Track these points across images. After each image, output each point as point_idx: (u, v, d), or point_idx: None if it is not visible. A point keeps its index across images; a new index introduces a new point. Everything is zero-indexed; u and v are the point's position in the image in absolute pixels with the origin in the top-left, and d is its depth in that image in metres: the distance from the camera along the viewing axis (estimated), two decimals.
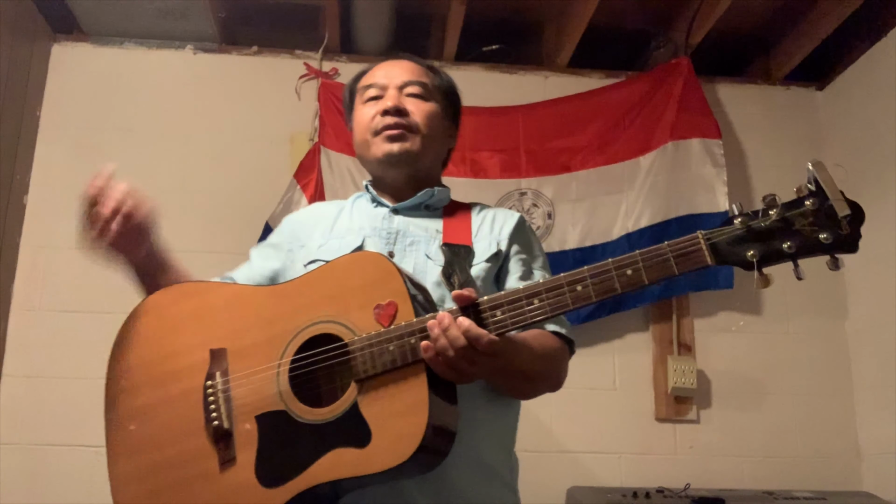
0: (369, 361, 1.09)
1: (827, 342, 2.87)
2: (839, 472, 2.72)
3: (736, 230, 0.99)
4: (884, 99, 2.74)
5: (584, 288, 1.06)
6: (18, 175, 2.72)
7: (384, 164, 1.42)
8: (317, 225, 1.45)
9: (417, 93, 1.45)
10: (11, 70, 2.68)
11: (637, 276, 1.03)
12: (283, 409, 1.13)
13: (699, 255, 1.00)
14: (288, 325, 1.18)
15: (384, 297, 1.12)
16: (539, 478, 2.65)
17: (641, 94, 2.95)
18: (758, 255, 0.98)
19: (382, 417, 1.06)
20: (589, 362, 2.79)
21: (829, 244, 0.95)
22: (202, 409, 1.18)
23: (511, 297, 1.08)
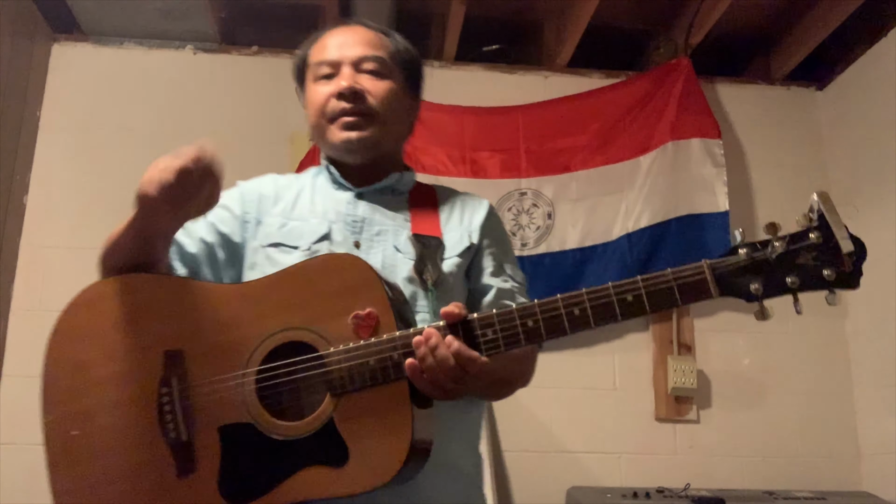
0: (347, 376, 1.01)
1: (827, 342, 2.87)
2: (839, 472, 2.72)
3: (741, 262, 0.97)
4: (884, 99, 2.74)
5: (582, 312, 0.99)
6: (18, 175, 2.72)
7: (341, 151, 1.31)
8: (277, 201, 1.33)
9: (374, 69, 1.32)
10: (11, 70, 2.68)
11: (638, 303, 0.97)
12: (249, 421, 1.03)
13: (704, 286, 0.97)
14: (253, 329, 1.07)
15: (363, 306, 1.04)
16: (539, 478, 2.65)
17: (641, 94, 2.95)
18: (761, 290, 0.97)
19: (361, 436, 0.99)
20: (589, 362, 2.79)
21: (833, 281, 0.95)
22: (156, 416, 1.07)
23: (503, 316, 1.01)
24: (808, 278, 0.95)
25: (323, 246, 1.24)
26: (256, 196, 1.33)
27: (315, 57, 1.37)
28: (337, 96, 1.28)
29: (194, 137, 1.35)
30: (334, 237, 1.25)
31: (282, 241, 1.25)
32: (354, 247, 1.24)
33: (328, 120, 1.30)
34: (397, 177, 1.34)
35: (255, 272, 1.24)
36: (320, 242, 1.24)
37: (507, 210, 2.85)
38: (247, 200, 1.33)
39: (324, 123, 1.30)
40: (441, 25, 2.99)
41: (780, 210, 3.00)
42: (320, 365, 1.03)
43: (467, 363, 0.98)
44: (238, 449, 1.04)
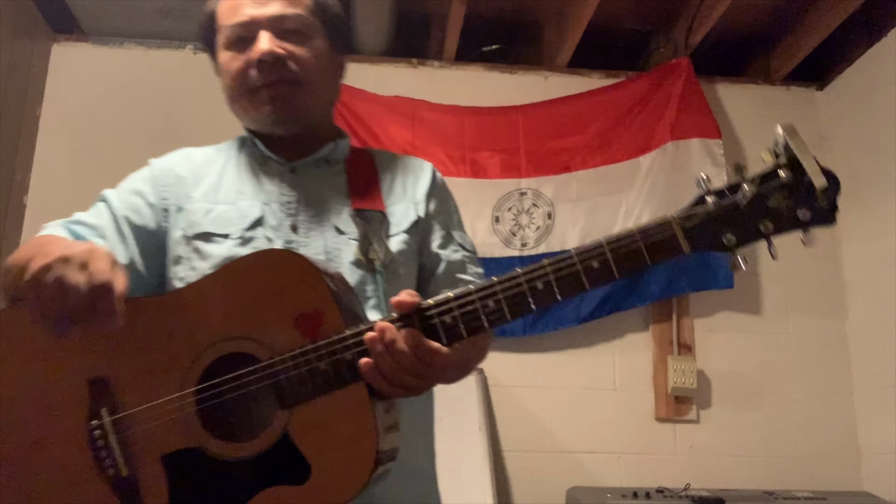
0: (298, 384, 0.91)
1: (827, 342, 2.87)
2: (839, 472, 2.72)
3: (710, 212, 0.89)
4: (884, 99, 2.74)
5: (547, 285, 0.88)
6: (18, 175, 2.72)
7: (268, 124, 1.17)
8: (197, 182, 1.19)
9: (295, 28, 1.16)
10: (11, 70, 2.68)
11: (605, 269, 0.88)
12: (194, 446, 0.93)
13: (673, 241, 0.89)
14: (185, 344, 0.96)
15: (306, 306, 0.93)
16: (539, 478, 2.65)
17: (641, 94, 2.95)
18: (734, 240, 0.89)
19: (321, 448, 0.90)
20: (589, 362, 2.79)
21: (808, 220, 0.86)
22: (90, 454, 0.95)
23: (462, 299, 0.90)
24: (782, 221, 0.87)
25: (257, 232, 1.12)
26: (173, 178, 1.19)
27: (225, 18, 1.19)
28: (256, 64, 1.13)
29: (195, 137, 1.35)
30: (268, 221, 1.13)
31: (210, 230, 1.12)
32: (291, 231, 1.12)
33: (248, 92, 1.15)
34: (332, 146, 1.21)
35: (182, 267, 1.13)
36: (254, 229, 1.12)
37: (507, 210, 2.85)
38: (162, 184, 1.19)
39: (244, 95, 1.16)
40: (441, 25, 2.99)
41: None
42: (267, 376, 0.92)
43: (429, 355, 0.89)
44: (187, 478, 0.94)
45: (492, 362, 2.69)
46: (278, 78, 1.14)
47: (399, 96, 2.91)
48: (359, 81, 2.89)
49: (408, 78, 3.01)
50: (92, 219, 1.16)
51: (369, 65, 3.00)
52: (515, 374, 2.74)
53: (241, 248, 1.11)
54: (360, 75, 2.93)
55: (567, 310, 2.77)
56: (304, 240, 1.12)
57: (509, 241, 2.82)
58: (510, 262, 2.79)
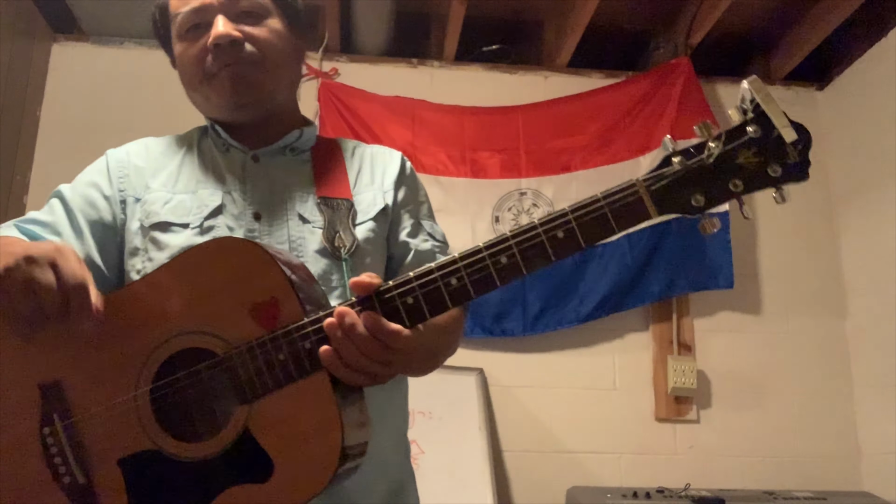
0: (256, 377, 0.87)
1: (827, 342, 2.87)
2: (839, 472, 2.72)
3: (677, 173, 0.84)
4: (884, 99, 2.74)
5: (511, 259, 0.84)
6: (18, 175, 2.72)
7: (230, 109, 1.14)
8: (156, 172, 1.15)
9: (249, 9, 1.13)
10: (11, 70, 2.68)
11: (572, 238, 0.84)
12: (151, 447, 0.89)
13: (640, 206, 0.84)
14: (138, 342, 0.92)
15: (261, 294, 0.88)
16: (539, 478, 2.65)
17: (641, 94, 2.95)
18: (703, 200, 0.84)
19: (284, 444, 0.86)
20: (589, 362, 2.79)
21: (779, 176, 0.83)
22: (44, 462, 0.92)
23: (423, 278, 0.86)
24: (752, 179, 0.83)
25: (218, 221, 1.09)
26: (131, 169, 1.16)
27: (177, 7, 1.16)
28: (212, 49, 1.10)
29: None
30: (229, 209, 1.10)
31: (168, 220, 1.09)
32: (254, 219, 1.09)
33: (207, 78, 1.12)
34: (297, 134, 1.17)
35: (139, 259, 1.09)
36: (214, 217, 1.09)
37: (508, 210, 2.85)
38: (118, 175, 1.16)
39: (202, 83, 1.13)
40: (441, 25, 2.99)
41: (779, 210, 3.00)
42: (223, 370, 0.88)
43: (391, 338, 0.85)
44: (145, 481, 0.90)
45: (492, 362, 2.70)
46: (236, 59, 1.10)
47: (399, 96, 2.92)
48: (359, 81, 2.90)
49: (408, 78, 3.01)
50: (45, 216, 1.12)
51: (369, 65, 3.00)
52: (515, 374, 2.74)
53: (200, 238, 1.07)
54: (360, 75, 2.93)
55: (567, 310, 2.77)
56: (267, 228, 1.09)
57: None
58: None
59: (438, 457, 2.32)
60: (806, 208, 3.00)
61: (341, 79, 2.94)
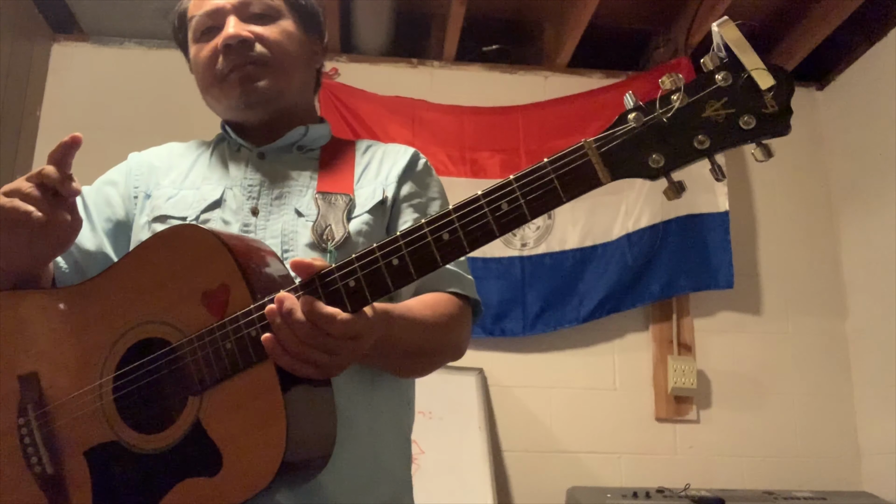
0: (205, 367, 0.85)
1: (827, 342, 2.87)
2: (839, 472, 2.72)
3: (632, 129, 0.75)
4: (884, 99, 2.74)
5: (453, 235, 0.80)
6: (18, 175, 2.72)
7: (240, 109, 1.16)
8: (169, 171, 1.18)
9: (262, 12, 1.15)
10: (11, 70, 2.68)
11: (517, 210, 0.78)
12: (113, 439, 0.89)
13: (589, 170, 0.77)
14: (102, 332, 0.92)
15: (212, 281, 0.87)
16: (539, 478, 2.65)
17: (641, 94, 2.94)
18: (663, 160, 0.75)
19: (232, 435, 0.83)
20: (589, 362, 2.79)
21: (753, 129, 0.73)
22: (19, 451, 0.93)
23: (364, 259, 0.82)
24: (721, 134, 0.73)
25: (213, 215, 1.10)
26: (146, 168, 1.19)
27: (193, 10, 1.18)
28: (222, 50, 1.12)
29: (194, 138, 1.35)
30: (228, 204, 1.10)
31: (168, 213, 1.10)
32: (251, 214, 1.09)
33: (219, 80, 1.14)
34: (302, 131, 1.18)
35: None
36: (210, 211, 1.10)
37: None
38: (135, 174, 1.18)
39: (215, 84, 1.15)
40: (441, 25, 2.99)
41: (780, 210, 3.00)
42: (174, 360, 0.87)
43: (326, 323, 0.79)
44: (108, 472, 0.90)
45: (492, 362, 2.70)
46: (247, 59, 1.12)
47: (399, 96, 2.91)
48: (359, 81, 2.90)
49: (408, 78, 3.01)
50: None
51: (369, 65, 3.00)
52: (515, 374, 2.74)
53: None
54: (360, 75, 2.93)
55: (567, 310, 2.77)
56: (262, 223, 1.08)
57: (509, 240, 2.82)
58: (510, 261, 2.79)
59: (438, 457, 2.32)
60: (806, 208, 3.00)
61: (341, 79, 2.94)
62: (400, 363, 1.03)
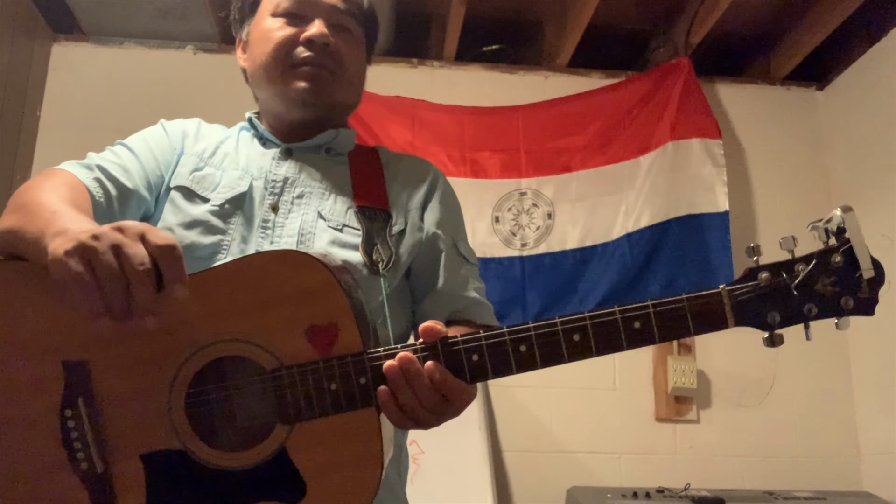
0: (303, 400, 0.86)
1: (827, 342, 2.87)
2: (839, 472, 2.72)
3: (761, 289, 0.87)
4: (884, 99, 2.74)
5: (584, 337, 0.87)
6: (18, 175, 2.72)
7: (292, 102, 1.16)
8: (197, 141, 1.19)
9: (346, 26, 1.19)
10: (11, 70, 2.68)
11: (647, 331, 0.86)
12: (180, 448, 0.87)
13: (720, 314, 0.87)
14: (181, 338, 0.88)
15: (321, 317, 0.87)
16: (539, 478, 2.65)
17: (641, 94, 2.95)
18: (779, 319, 0.88)
19: (321, 468, 0.85)
20: (589, 362, 2.74)
21: (850, 309, 0.87)
22: (61, 444, 0.88)
23: (493, 340, 0.86)
24: (826, 306, 0.87)
25: (236, 206, 1.10)
26: (180, 132, 1.20)
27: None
28: (306, 42, 1.14)
29: None
30: (251, 196, 1.11)
31: (191, 188, 1.11)
32: (271, 210, 1.09)
33: (288, 65, 1.15)
34: (332, 134, 1.19)
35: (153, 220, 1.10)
36: (234, 202, 1.10)
37: (507, 210, 2.85)
38: (172, 134, 1.19)
39: (279, 67, 1.15)
40: (441, 25, 2.99)
41: (780, 210, 3.00)
42: (271, 387, 0.87)
43: (453, 394, 0.85)
44: (168, 481, 0.87)
45: None
46: (323, 62, 1.15)
47: (399, 96, 2.91)
48: None
49: (408, 78, 3.01)
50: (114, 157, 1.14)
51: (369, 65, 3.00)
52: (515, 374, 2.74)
53: (215, 218, 1.08)
54: None
55: (567, 310, 2.76)
56: (281, 220, 1.09)
57: (509, 241, 2.82)
58: (510, 261, 2.79)
59: (438, 457, 2.32)
60: (806, 208, 3.00)
61: None
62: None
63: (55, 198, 0.95)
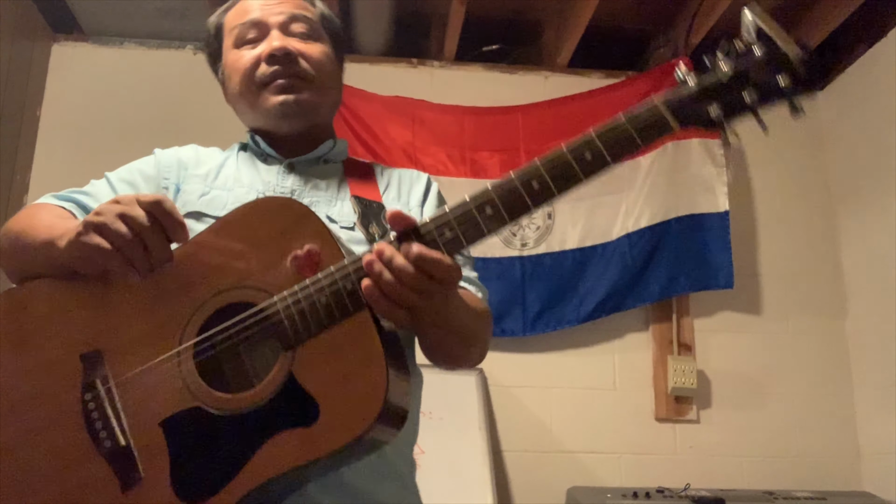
0: (300, 321, 0.87)
1: (827, 342, 2.87)
2: (839, 472, 2.72)
3: (692, 90, 0.91)
4: (884, 99, 2.74)
5: (541, 183, 0.89)
6: (18, 175, 2.72)
7: (275, 118, 1.18)
8: (198, 165, 1.21)
9: (304, 31, 1.21)
10: (11, 70, 2.68)
11: (599, 158, 0.89)
12: (195, 405, 0.88)
13: (662, 121, 0.89)
14: (181, 304, 0.92)
15: (302, 244, 0.90)
16: (539, 478, 2.65)
17: (641, 94, 2.95)
18: (721, 113, 0.90)
19: (329, 383, 0.85)
20: (589, 362, 2.79)
21: (791, 89, 0.89)
22: (85, 429, 0.91)
23: (459, 211, 0.89)
24: (764, 90, 0.90)
25: None
26: (175, 161, 1.21)
27: (235, 19, 1.24)
28: (268, 59, 1.16)
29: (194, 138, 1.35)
30: None
31: (203, 211, 1.12)
32: None
33: (258, 86, 1.17)
34: (330, 144, 1.23)
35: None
36: None
37: None
38: (164, 165, 1.21)
39: (252, 90, 1.18)
40: (441, 25, 2.99)
41: (780, 210, 3.00)
42: (263, 319, 0.89)
43: (432, 266, 0.86)
44: (188, 440, 0.88)
45: (492, 362, 2.69)
46: (290, 71, 1.16)
47: (399, 96, 2.91)
48: (359, 81, 2.89)
49: (408, 78, 3.01)
50: (86, 188, 1.19)
51: (369, 65, 3.00)
52: (515, 374, 2.74)
53: None
54: (360, 75, 2.93)
55: (567, 310, 2.77)
56: None
57: (509, 240, 2.82)
58: (510, 261, 2.79)
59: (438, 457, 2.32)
60: (806, 208, 3.00)
61: None
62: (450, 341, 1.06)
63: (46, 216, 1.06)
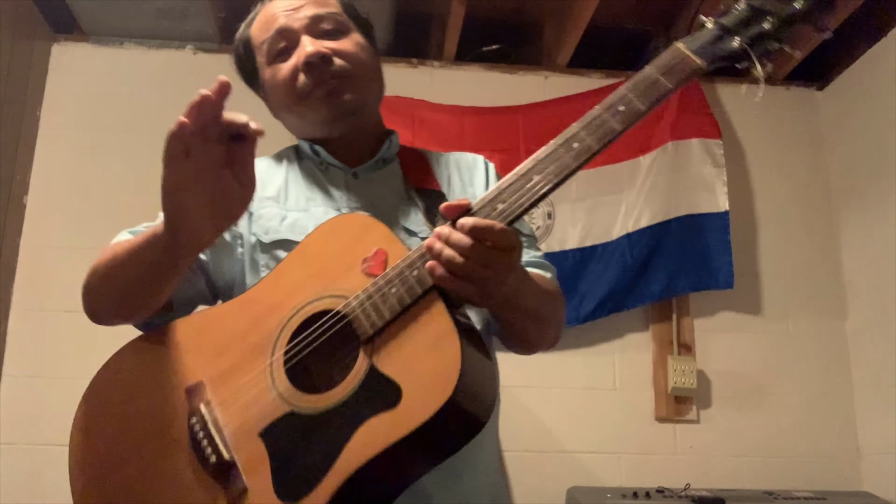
0: (374, 313, 0.92)
1: (827, 342, 2.87)
2: (839, 472, 2.72)
3: (712, 31, 0.95)
4: (884, 99, 2.74)
5: (582, 142, 0.92)
6: (18, 175, 2.72)
7: (327, 124, 1.18)
8: (264, 187, 1.19)
9: (332, 28, 1.19)
10: (11, 70, 2.68)
11: (633, 108, 0.93)
12: (288, 410, 0.94)
13: (687, 61, 0.94)
14: (269, 325, 1.00)
15: (369, 249, 0.97)
16: (539, 478, 2.65)
17: None
18: (741, 41, 0.93)
19: (407, 364, 0.89)
20: (589, 362, 2.79)
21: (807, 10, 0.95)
22: (192, 453, 0.97)
23: (507, 184, 0.92)
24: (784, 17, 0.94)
25: None
26: None
27: (260, 35, 1.21)
28: (304, 68, 1.14)
29: None
30: None
31: (289, 238, 1.13)
32: None
33: (301, 97, 1.16)
34: (387, 144, 1.23)
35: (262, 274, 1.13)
36: None
37: None
38: None
39: (297, 102, 1.17)
40: (441, 25, 2.99)
41: (780, 210, 3.00)
42: (341, 318, 0.94)
43: (487, 233, 0.87)
44: (286, 445, 0.93)
45: None
46: (328, 75, 1.15)
47: (399, 96, 2.91)
48: None
49: (408, 78, 3.01)
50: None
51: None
52: (515, 374, 2.74)
53: None
54: None
55: (567, 309, 2.76)
56: None
57: None
58: None
59: None
60: (806, 208, 3.00)
61: None
62: (523, 323, 1.09)
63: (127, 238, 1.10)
